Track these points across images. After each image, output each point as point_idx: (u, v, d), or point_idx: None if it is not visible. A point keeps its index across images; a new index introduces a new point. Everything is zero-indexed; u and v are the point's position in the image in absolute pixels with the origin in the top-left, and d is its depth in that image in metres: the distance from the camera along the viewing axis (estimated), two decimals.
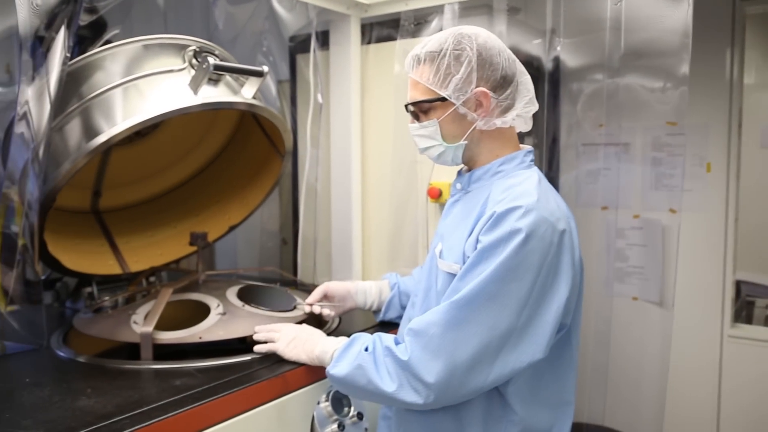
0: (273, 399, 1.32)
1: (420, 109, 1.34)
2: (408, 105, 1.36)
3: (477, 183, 1.37)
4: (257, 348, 1.44)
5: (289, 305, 1.72)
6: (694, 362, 2.48)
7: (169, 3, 2.28)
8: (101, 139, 1.44)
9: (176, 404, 1.16)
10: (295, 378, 1.38)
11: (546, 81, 2.29)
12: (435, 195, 2.12)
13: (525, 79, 1.35)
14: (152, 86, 1.52)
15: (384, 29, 2.36)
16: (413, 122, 1.37)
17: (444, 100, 1.30)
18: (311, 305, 1.64)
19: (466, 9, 2.14)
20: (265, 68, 1.61)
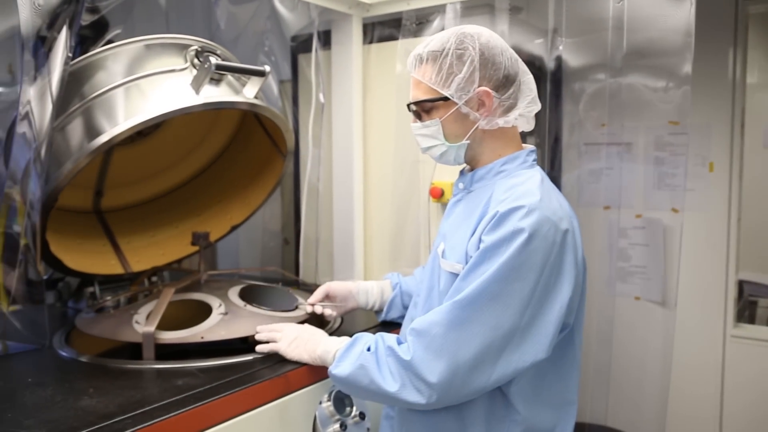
0: (275, 399, 1.32)
1: (422, 109, 1.33)
2: (410, 104, 1.36)
3: (479, 182, 1.36)
4: (259, 348, 1.44)
5: (291, 305, 1.72)
6: (697, 362, 2.48)
7: (171, 3, 2.28)
8: (103, 139, 1.44)
9: (178, 404, 1.16)
10: (297, 378, 1.38)
11: (548, 80, 2.29)
12: (437, 194, 2.12)
13: (527, 79, 1.34)
14: (154, 86, 1.52)
15: (386, 29, 2.36)
16: (415, 122, 1.37)
17: (446, 100, 1.29)
18: (313, 305, 1.64)
19: (468, 8, 2.14)
20: (267, 68, 1.61)
